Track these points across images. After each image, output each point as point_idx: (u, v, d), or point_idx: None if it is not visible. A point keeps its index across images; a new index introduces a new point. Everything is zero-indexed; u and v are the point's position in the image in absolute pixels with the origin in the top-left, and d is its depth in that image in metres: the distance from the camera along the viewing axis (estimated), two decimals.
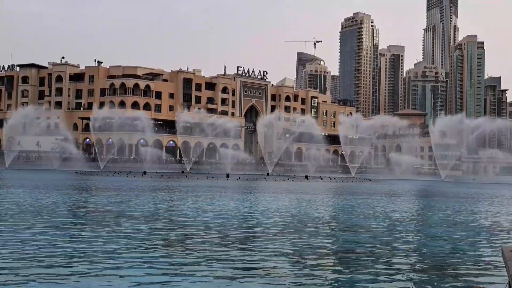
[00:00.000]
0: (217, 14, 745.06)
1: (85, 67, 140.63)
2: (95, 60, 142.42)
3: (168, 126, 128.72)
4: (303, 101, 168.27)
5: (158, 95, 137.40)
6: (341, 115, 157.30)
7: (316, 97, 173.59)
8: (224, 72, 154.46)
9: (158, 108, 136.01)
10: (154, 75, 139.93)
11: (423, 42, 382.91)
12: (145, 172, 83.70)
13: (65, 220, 22.21)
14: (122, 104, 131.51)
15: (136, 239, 17.54)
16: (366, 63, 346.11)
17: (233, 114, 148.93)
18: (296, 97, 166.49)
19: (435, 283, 12.52)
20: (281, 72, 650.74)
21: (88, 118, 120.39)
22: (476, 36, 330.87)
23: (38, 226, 20.15)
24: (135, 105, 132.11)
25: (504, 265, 13.89)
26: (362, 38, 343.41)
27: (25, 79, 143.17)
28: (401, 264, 14.53)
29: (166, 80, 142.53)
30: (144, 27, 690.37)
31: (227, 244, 17.04)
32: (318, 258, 15.15)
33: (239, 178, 76.41)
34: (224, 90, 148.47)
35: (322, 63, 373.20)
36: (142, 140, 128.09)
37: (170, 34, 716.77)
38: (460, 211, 31.93)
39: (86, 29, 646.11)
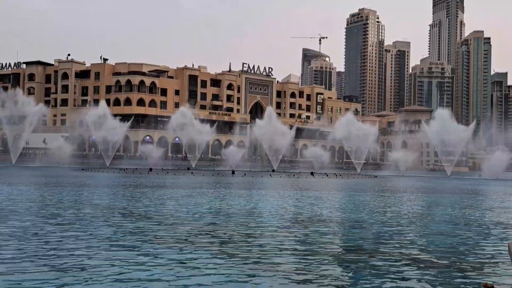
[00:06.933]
0: (222, 10, 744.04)
1: (91, 64, 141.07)
2: (100, 57, 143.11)
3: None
4: (309, 97, 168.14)
5: (164, 92, 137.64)
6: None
7: (322, 94, 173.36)
8: (229, 69, 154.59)
9: (163, 105, 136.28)
10: (159, 72, 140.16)
11: (429, 38, 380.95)
12: (151, 169, 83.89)
13: (69, 217, 22.32)
14: (127, 101, 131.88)
15: (141, 235, 17.60)
16: (372, 59, 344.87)
17: (238, 110, 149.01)
18: (301, 94, 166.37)
19: (441, 280, 12.48)
20: (286, 68, 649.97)
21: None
22: (482, 31, 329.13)
23: (44, 223, 20.25)
24: (140, 102, 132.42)
25: (511, 261, 13.85)
26: (367, 34, 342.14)
27: (31, 76, 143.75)
28: (407, 260, 14.50)
29: (171, 77, 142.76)
30: (149, 24, 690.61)
31: (233, 240, 17.07)
32: (324, 254, 15.14)
33: (245, 174, 76.42)
34: (229, 86, 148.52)
35: (327, 59, 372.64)
36: (147, 137, 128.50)
37: (175, 31, 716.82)
38: (466, 207, 31.82)
39: (92, 26, 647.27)
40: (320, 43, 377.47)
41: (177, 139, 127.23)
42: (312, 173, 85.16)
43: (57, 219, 21.36)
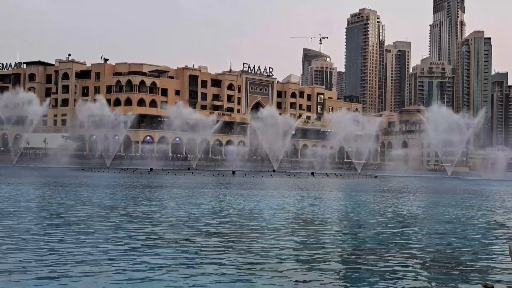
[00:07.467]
0: (222, 10, 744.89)
1: (91, 64, 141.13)
2: (101, 57, 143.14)
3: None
4: (309, 97, 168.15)
5: (164, 92, 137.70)
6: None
7: (322, 94, 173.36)
8: (230, 69, 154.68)
9: (164, 105, 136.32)
10: (160, 72, 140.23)
11: (429, 38, 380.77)
12: (151, 169, 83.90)
13: (68, 217, 22.33)
14: (128, 101, 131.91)
15: (141, 236, 17.61)
16: (372, 59, 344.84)
17: (238, 111, 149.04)
18: (302, 94, 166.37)
19: (442, 280, 12.48)
20: (287, 68, 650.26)
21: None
22: (483, 31, 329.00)
23: (44, 223, 20.27)
24: (141, 102, 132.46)
25: (511, 262, 13.85)
26: (368, 34, 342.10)
27: (31, 77, 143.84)
28: (407, 260, 14.50)
29: (172, 77, 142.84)
30: (149, 24, 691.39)
31: (233, 240, 17.07)
32: (324, 254, 15.14)
33: (245, 174, 76.45)
34: (230, 87, 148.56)
35: (328, 59, 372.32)
36: (148, 137, 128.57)
37: (175, 31, 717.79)
38: (467, 208, 31.81)
39: (92, 26, 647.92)
40: (320, 43, 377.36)
41: (177, 139, 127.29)
42: (312, 173, 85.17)
43: (57, 219, 21.36)
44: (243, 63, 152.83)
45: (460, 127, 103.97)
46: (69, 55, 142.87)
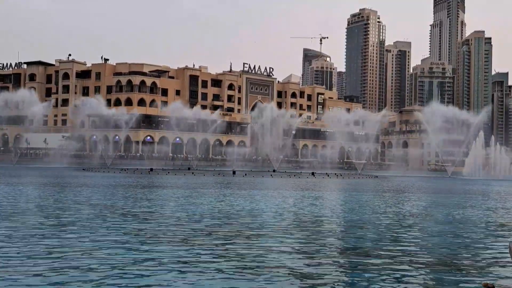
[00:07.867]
0: (222, 10, 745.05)
1: (92, 64, 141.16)
2: (101, 57, 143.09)
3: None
4: (309, 97, 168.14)
5: (165, 92, 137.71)
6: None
7: (322, 94, 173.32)
8: (230, 69, 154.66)
9: (164, 105, 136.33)
10: (160, 72, 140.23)
11: (430, 38, 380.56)
12: (151, 169, 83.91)
13: (68, 217, 22.33)
14: (128, 101, 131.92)
15: (141, 236, 17.61)
16: (373, 59, 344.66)
17: (239, 111, 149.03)
18: (302, 94, 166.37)
19: (442, 280, 12.48)
20: (287, 68, 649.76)
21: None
22: (483, 31, 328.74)
23: (44, 223, 20.27)
24: (141, 102, 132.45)
25: (511, 261, 13.85)
26: (368, 34, 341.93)
27: (32, 77, 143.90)
28: (407, 260, 14.49)
29: (172, 77, 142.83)
30: (149, 24, 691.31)
31: (233, 240, 17.06)
32: (324, 255, 15.14)
33: (245, 174, 76.46)
34: (230, 87, 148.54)
35: (328, 59, 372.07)
36: (148, 137, 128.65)
37: (175, 31, 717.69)
38: (467, 208, 31.80)
39: (92, 26, 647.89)
40: (321, 43, 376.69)
41: (177, 139, 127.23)
42: (313, 173, 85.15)
43: (56, 219, 21.37)
44: (243, 63, 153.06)
45: (461, 124, 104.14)
46: (70, 55, 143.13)
